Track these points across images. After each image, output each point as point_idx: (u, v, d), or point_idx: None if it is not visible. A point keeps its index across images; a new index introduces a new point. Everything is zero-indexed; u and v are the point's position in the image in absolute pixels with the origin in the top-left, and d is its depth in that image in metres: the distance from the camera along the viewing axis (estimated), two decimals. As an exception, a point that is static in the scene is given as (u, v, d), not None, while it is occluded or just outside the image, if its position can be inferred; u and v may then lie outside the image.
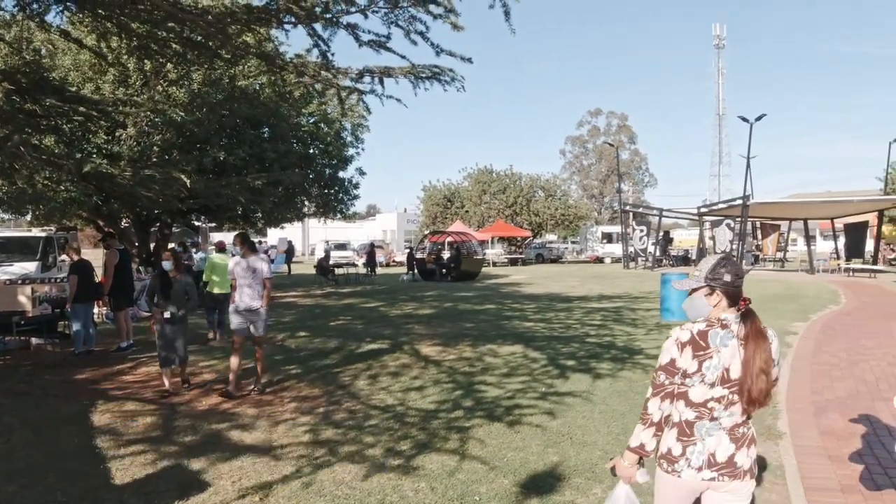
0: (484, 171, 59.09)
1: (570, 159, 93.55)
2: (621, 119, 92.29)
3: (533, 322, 15.77)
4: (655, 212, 44.28)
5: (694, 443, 3.22)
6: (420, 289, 26.80)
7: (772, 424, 7.44)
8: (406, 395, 8.77)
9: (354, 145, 27.58)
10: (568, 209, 59.75)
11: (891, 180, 47.76)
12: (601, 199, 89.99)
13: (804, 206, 40.46)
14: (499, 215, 55.26)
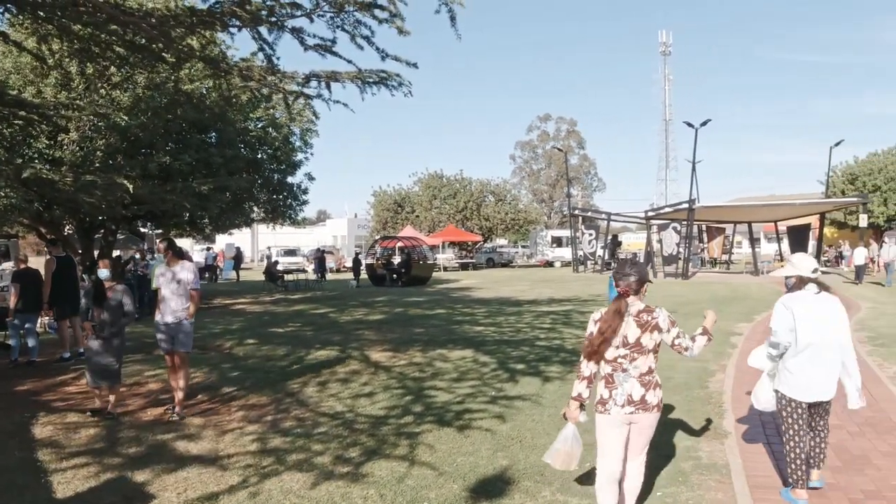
0: (434, 176, 59.16)
1: (519, 164, 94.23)
2: (570, 124, 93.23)
3: (483, 326, 15.81)
4: (604, 216, 44.74)
5: (616, 388, 4.58)
6: (370, 294, 26.71)
7: (717, 424, 7.55)
8: (355, 401, 8.71)
9: (303, 150, 27.35)
10: (518, 213, 60.10)
11: (832, 184, 48.97)
12: (551, 203, 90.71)
13: (748, 210, 41.32)
14: (449, 220, 55.34)
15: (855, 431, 7.26)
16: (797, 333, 5.26)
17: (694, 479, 5.83)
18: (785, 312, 5.35)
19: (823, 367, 5.29)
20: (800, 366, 5.31)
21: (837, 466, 6.13)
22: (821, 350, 5.26)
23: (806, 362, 5.29)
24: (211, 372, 10.65)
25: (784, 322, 5.34)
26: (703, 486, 5.69)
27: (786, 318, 5.33)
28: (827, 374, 5.31)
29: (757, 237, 51.17)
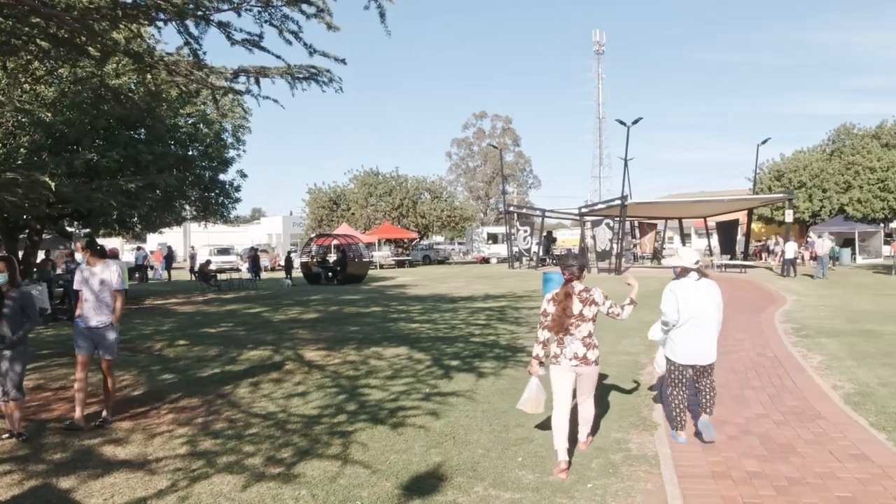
0: (370, 173, 58.92)
1: (455, 161, 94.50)
2: (506, 122, 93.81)
3: (418, 323, 15.80)
4: (538, 212, 45.15)
5: (565, 347, 6.05)
6: (305, 293, 26.45)
7: (647, 416, 7.68)
8: (288, 401, 8.61)
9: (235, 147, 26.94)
10: (454, 211, 60.28)
11: (759, 180, 50.23)
12: (487, 200, 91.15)
13: (679, 206, 42.11)
14: (385, 217, 55.21)
15: (780, 420, 7.44)
16: (680, 311, 6.56)
17: (624, 471, 5.91)
18: (671, 295, 6.64)
19: (700, 337, 6.59)
20: (681, 336, 6.64)
21: (763, 455, 6.27)
22: (698, 324, 6.57)
23: (686, 334, 6.61)
24: (140, 374, 10.40)
25: (670, 303, 6.62)
26: (633, 477, 5.77)
27: (671, 299, 6.62)
28: (703, 343, 6.62)
29: (688, 233, 52.30)
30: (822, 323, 15.16)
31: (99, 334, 7.65)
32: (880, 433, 6.92)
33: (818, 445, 6.54)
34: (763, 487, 5.49)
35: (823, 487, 5.47)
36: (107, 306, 7.67)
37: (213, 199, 26.91)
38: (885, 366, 10.24)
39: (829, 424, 7.25)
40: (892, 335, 13.15)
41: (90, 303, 7.65)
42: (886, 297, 21.03)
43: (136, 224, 25.15)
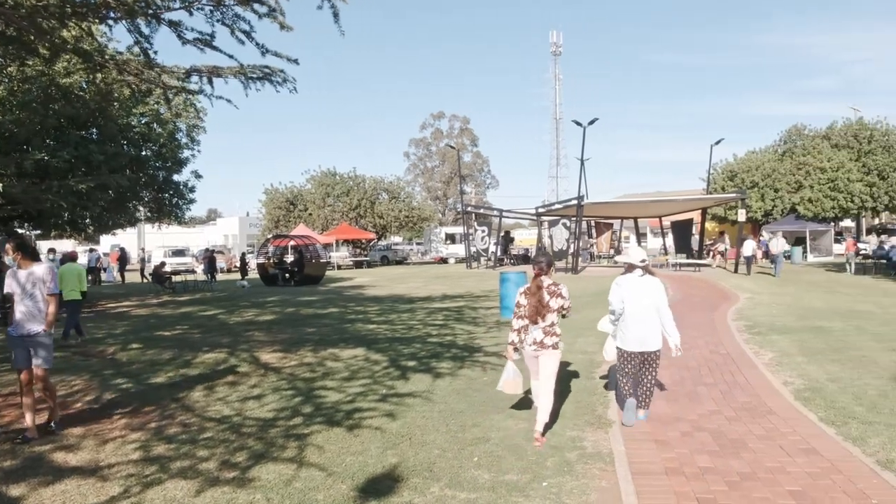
0: (327, 173, 58.55)
1: (413, 161, 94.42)
2: (463, 122, 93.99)
3: (376, 324, 15.76)
4: (496, 213, 45.27)
5: (528, 333, 6.89)
6: (262, 294, 26.22)
7: (602, 413, 7.75)
8: (244, 404, 8.52)
9: (190, 147, 26.65)
10: (412, 211, 60.16)
11: (713, 180, 50.96)
12: (445, 200, 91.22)
13: (635, 206, 42.54)
14: (343, 218, 54.93)
15: (732, 416, 7.55)
16: (626, 304, 7.30)
17: (579, 469, 5.96)
18: (617, 288, 7.43)
19: (644, 326, 7.27)
20: (627, 326, 7.33)
21: (715, 451, 6.37)
22: (642, 315, 7.27)
23: (632, 324, 7.30)
24: (92, 379, 10.21)
25: (616, 296, 7.40)
26: (588, 475, 5.81)
27: (618, 292, 7.41)
28: (647, 331, 7.27)
29: (644, 232, 52.87)
30: (774, 320, 15.42)
31: (32, 342, 7.28)
32: (829, 428, 7.06)
33: (769, 441, 6.65)
34: (715, 482, 5.57)
35: (774, 482, 5.56)
36: (39, 311, 7.31)
37: (167, 199, 26.59)
38: (834, 362, 10.45)
39: (780, 420, 7.38)
40: (841, 332, 13.43)
41: (23, 309, 7.28)
42: (836, 294, 21.47)
43: (89, 225, 24.74)
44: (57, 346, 12.64)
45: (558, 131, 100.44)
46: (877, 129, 50.51)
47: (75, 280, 14.26)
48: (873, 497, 5.21)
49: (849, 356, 10.86)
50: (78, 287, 14.29)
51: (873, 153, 49.03)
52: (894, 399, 8.12)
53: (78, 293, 14.25)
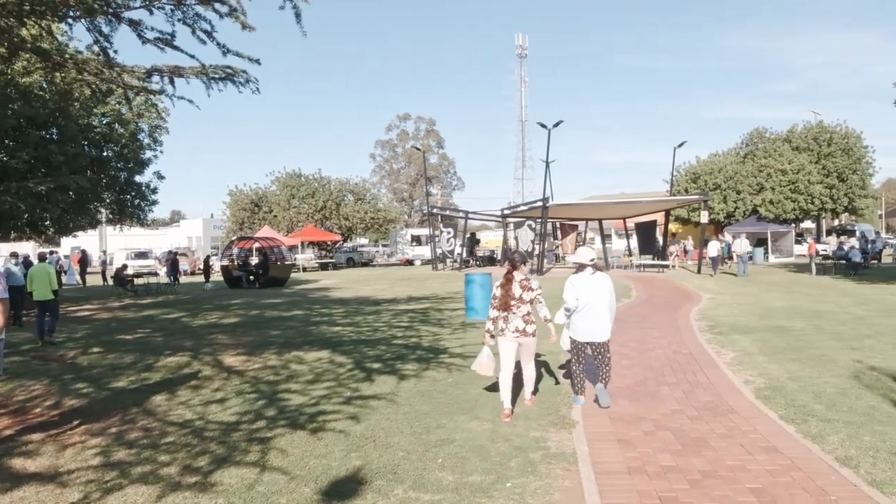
0: (292, 175, 58.15)
1: (379, 163, 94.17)
2: (429, 124, 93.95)
3: (341, 327, 15.69)
4: (462, 214, 45.33)
5: (509, 322, 7.69)
6: (226, 297, 25.97)
7: (566, 414, 7.78)
8: (206, 408, 8.44)
9: (152, 148, 26.36)
10: (378, 213, 59.99)
11: (676, 182, 51.49)
12: (411, 202, 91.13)
13: (599, 207, 42.77)
14: (308, 220, 54.61)
15: (694, 415, 7.63)
16: (579, 299, 8.01)
17: (543, 469, 5.98)
18: (571, 287, 8.10)
19: (594, 320, 8.02)
20: (580, 319, 8.09)
21: (677, 450, 6.42)
22: (593, 309, 8.01)
23: (584, 317, 8.06)
24: (52, 384, 10.05)
25: (570, 292, 8.09)
26: (552, 475, 5.83)
27: (571, 289, 8.09)
28: (597, 324, 8.03)
29: (608, 234, 53.25)
30: (736, 320, 15.62)
31: None
32: (789, 426, 7.16)
33: (730, 439, 6.73)
34: (677, 481, 5.62)
35: (735, 480, 5.63)
36: None
37: (128, 201, 26.27)
38: (794, 361, 10.60)
39: (741, 418, 7.47)
40: (800, 331, 13.63)
41: None
42: (796, 294, 21.78)
43: (49, 227, 24.35)
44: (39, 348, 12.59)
45: (524, 133, 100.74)
46: (836, 132, 51.38)
47: (46, 280, 14.31)
48: (832, 494, 5.29)
49: (808, 355, 11.03)
50: (49, 287, 14.35)
51: (833, 156, 49.88)
52: (853, 397, 8.26)
53: (50, 293, 14.32)
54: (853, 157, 50.09)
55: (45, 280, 14.27)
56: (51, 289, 14.34)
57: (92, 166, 21.74)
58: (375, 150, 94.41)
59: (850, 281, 26.72)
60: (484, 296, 16.43)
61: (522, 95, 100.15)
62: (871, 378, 9.24)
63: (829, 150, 50.26)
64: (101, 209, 26.45)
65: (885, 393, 8.41)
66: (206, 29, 7.96)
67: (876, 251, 40.09)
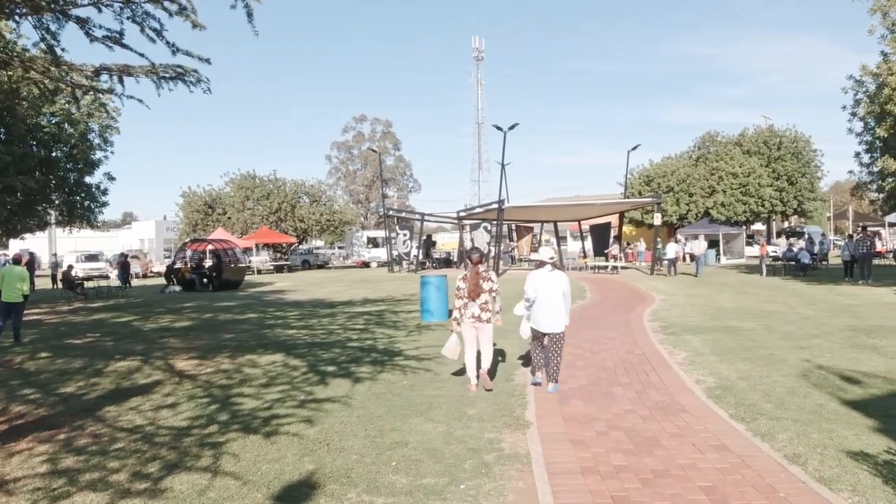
0: (247, 176, 57.64)
1: (335, 164, 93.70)
2: (386, 125, 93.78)
3: (295, 329, 15.57)
4: (418, 216, 45.33)
5: (467, 309, 8.94)
6: (179, 300, 25.60)
7: (520, 415, 7.81)
8: (157, 413, 8.31)
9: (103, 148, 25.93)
10: (334, 214, 59.75)
11: (630, 185, 52.06)
12: (367, 204, 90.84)
13: (554, 210, 43.12)
14: (263, 222, 54.17)
15: (646, 415, 7.71)
16: (537, 293, 8.96)
17: (496, 470, 5.99)
18: (531, 281, 9.06)
19: (551, 312, 8.93)
20: (538, 312, 9.01)
21: (630, 449, 6.49)
22: (549, 303, 8.93)
23: (541, 310, 8.98)
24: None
25: (530, 286, 9.04)
26: (505, 476, 5.85)
27: (531, 284, 9.04)
28: (553, 317, 8.93)
29: (563, 236, 53.62)
30: (688, 321, 15.83)
31: None
32: (739, 424, 7.28)
33: (682, 438, 6.81)
34: (629, 480, 5.68)
35: (686, 478, 5.70)
36: None
37: (78, 202, 25.80)
38: (744, 360, 10.78)
39: (692, 417, 7.57)
40: (751, 331, 13.86)
41: None
42: (746, 295, 22.15)
43: (-5, 229, 23.80)
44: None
45: (480, 135, 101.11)
46: (786, 136, 52.48)
47: (17, 282, 14.33)
48: (780, 491, 5.39)
49: (758, 354, 11.22)
50: (20, 289, 14.39)
51: (783, 159, 50.90)
52: (801, 396, 8.42)
53: (20, 295, 14.45)
54: (802, 160, 51.18)
55: (16, 282, 14.32)
56: (21, 292, 14.44)
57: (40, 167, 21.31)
58: (331, 152, 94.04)
59: (800, 282, 27.24)
60: (440, 298, 16.44)
61: (479, 98, 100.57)
62: (819, 377, 9.44)
63: (779, 153, 51.29)
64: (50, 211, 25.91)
65: (832, 391, 8.60)
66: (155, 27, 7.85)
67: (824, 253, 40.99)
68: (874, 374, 9.49)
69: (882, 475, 5.64)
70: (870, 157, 26.00)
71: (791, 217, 59.32)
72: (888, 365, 10.14)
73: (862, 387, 8.83)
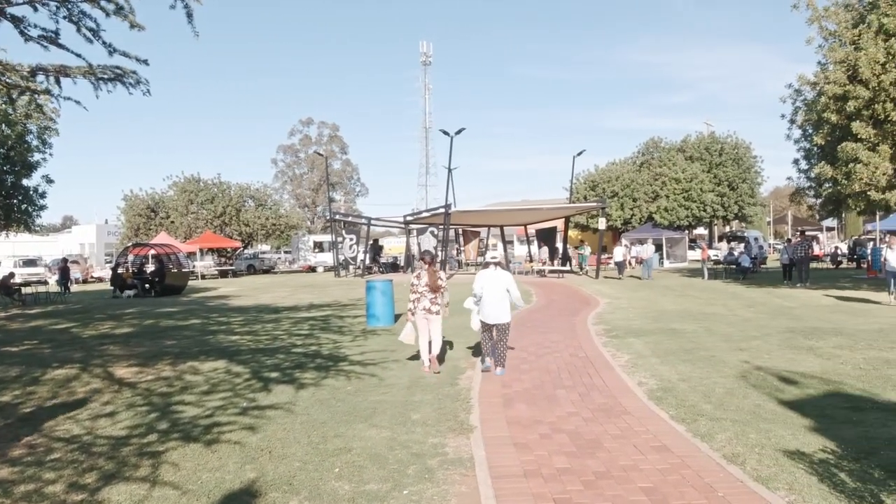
0: (191, 179, 56.71)
1: (281, 168, 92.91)
2: (332, 129, 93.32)
3: (239, 335, 15.38)
4: (364, 221, 45.19)
5: (419, 303, 10.67)
6: (119, 306, 25.10)
7: (464, 419, 7.82)
8: (95, 422, 8.12)
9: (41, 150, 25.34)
10: (279, 219, 59.22)
11: (575, 190, 52.62)
12: (314, 208, 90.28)
13: (500, 214, 43.36)
14: (207, 226, 53.40)
15: (589, 417, 7.78)
16: (484, 289, 10.36)
17: (440, 475, 5.98)
18: (479, 279, 10.53)
19: (496, 306, 10.32)
20: (485, 305, 10.39)
21: (572, 451, 6.54)
22: (495, 298, 10.31)
23: (488, 304, 10.36)
24: (-75, 399, 9.51)
25: (478, 283, 10.50)
26: (449, 481, 5.85)
27: (479, 281, 10.49)
28: (498, 310, 10.32)
29: (510, 240, 53.94)
30: (631, 323, 16.04)
31: None
32: (679, 425, 7.39)
33: (623, 440, 6.89)
34: (571, 483, 5.72)
35: (627, 479, 5.76)
36: None
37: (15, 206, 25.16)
38: (685, 362, 10.97)
39: (634, 419, 7.67)
40: (692, 333, 14.10)
41: None
42: (688, 298, 22.53)
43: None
44: None
45: (428, 140, 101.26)
46: (727, 142, 53.67)
47: None
48: (719, 490, 5.48)
49: (699, 356, 11.43)
50: None
51: (724, 165, 52.00)
52: (740, 396, 8.59)
53: None
54: (743, 166, 52.37)
55: None
56: None
57: (-27, 170, 20.72)
58: (278, 155, 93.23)
59: (740, 285, 27.81)
60: (385, 303, 16.40)
61: (426, 102, 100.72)
62: (758, 378, 9.64)
63: (720, 159, 52.39)
64: (-14, 214, 25.19)
65: (770, 392, 8.79)
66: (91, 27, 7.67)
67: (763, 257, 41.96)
68: (810, 375, 9.73)
69: (817, 473, 5.78)
70: (808, 163, 26.68)
71: (732, 222, 60.56)
72: (824, 366, 10.40)
73: (799, 387, 9.04)
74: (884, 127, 21.02)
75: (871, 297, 20.88)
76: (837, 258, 42.09)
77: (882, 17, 20.73)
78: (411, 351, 11.72)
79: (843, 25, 22.37)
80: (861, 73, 20.41)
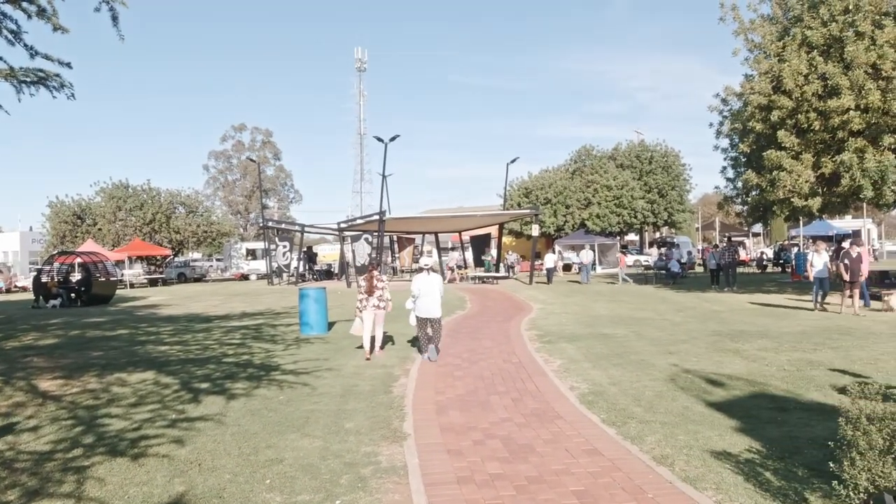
0: (119, 185, 55.40)
1: (213, 174, 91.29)
2: (266, 135, 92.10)
3: (168, 345, 15.08)
4: (298, 227, 44.79)
5: (369, 301, 13.07)
6: (44, 316, 24.35)
7: (398, 427, 7.81)
8: (17, 437, 7.86)
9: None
10: (211, 226, 58.28)
11: (509, 197, 53.05)
12: (247, 215, 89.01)
13: (435, 221, 43.44)
14: (136, 233, 52.23)
15: (522, 423, 7.85)
16: (420, 290, 12.21)
17: (373, 484, 5.96)
18: (416, 281, 12.39)
19: (430, 303, 12.21)
20: (421, 303, 12.26)
21: (505, 457, 6.58)
22: (430, 297, 12.22)
23: (423, 302, 12.22)
24: None
25: (415, 284, 12.33)
26: (382, 490, 5.82)
27: (416, 284, 12.32)
28: (431, 306, 12.22)
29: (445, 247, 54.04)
30: (563, 329, 16.24)
31: None
32: (610, 428, 7.52)
33: (555, 444, 6.97)
34: (504, 488, 5.76)
35: (559, 483, 5.83)
36: None
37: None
38: (616, 366, 11.16)
39: (566, 424, 7.77)
40: (622, 337, 14.35)
41: None
42: (619, 303, 22.92)
43: None
44: None
45: (362, 147, 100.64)
46: (657, 150, 54.85)
47: None
48: (649, 491, 5.58)
49: (629, 360, 11.64)
50: None
51: (654, 173, 53.12)
52: (669, 399, 8.78)
53: None
54: (672, 174, 53.56)
55: None
56: None
57: None
58: (209, 161, 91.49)
59: (669, 290, 28.40)
60: (319, 311, 16.27)
61: (361, 109, 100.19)
62: (686, 380, 9.86)
63: (650, 167, 53.50)
64: None
65: (698, 394, 9.00)
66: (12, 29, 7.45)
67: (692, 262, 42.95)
68: (737, 377, 10.00)
69: (744, 473, 5.93)
70: (735, 171, 27.40)
71: (662, 228, 61.79)
72: (749, 367, 10.70)
73: (725, 389, 9.28)
74: (806, 136, 21.74)
75: (795, 300, 21.54)
76: (763, 263, 43.32)
77: (805, 30, 21.46)
78: (344, 359, 12.69)
79: (769, 38, 23.10)
80: (785, 84, 21.07)
